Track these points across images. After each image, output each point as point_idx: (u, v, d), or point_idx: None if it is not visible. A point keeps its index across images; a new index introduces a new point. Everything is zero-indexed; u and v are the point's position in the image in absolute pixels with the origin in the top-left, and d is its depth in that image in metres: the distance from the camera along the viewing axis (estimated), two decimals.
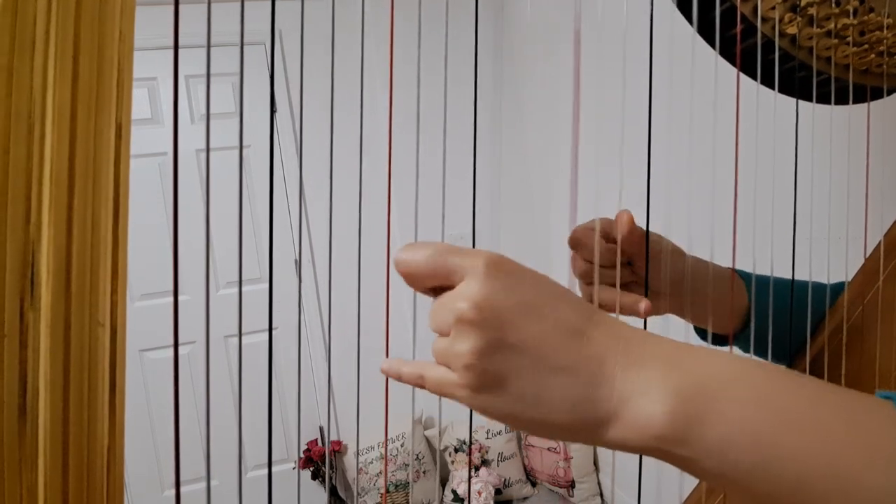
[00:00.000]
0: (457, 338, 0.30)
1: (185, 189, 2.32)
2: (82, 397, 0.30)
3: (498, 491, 2.32)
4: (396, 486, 2.33)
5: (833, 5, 0.55)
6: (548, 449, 2.32)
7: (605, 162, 0.61)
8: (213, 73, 0.34)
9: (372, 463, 2.36)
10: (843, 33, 0.56)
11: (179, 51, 0.31)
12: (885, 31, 0.56)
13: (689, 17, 0.53)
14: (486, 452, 2.38)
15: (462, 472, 2.33)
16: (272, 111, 1.03)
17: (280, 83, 2.42)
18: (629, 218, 0.53)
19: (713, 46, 0.54)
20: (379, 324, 0.49)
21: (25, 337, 0.29)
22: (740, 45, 0.55)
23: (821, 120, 0.61)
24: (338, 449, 2.44)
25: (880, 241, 0.64)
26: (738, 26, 0.54)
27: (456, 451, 2.39)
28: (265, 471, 2.24)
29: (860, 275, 0.64)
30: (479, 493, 2.25)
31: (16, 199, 0.29)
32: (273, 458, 2.44)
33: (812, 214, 0.59)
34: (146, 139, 2.21)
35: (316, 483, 2.45)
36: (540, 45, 2.25)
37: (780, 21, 0.54)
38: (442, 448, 2.44)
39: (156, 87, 2.29)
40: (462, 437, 2.39)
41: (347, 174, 0.79)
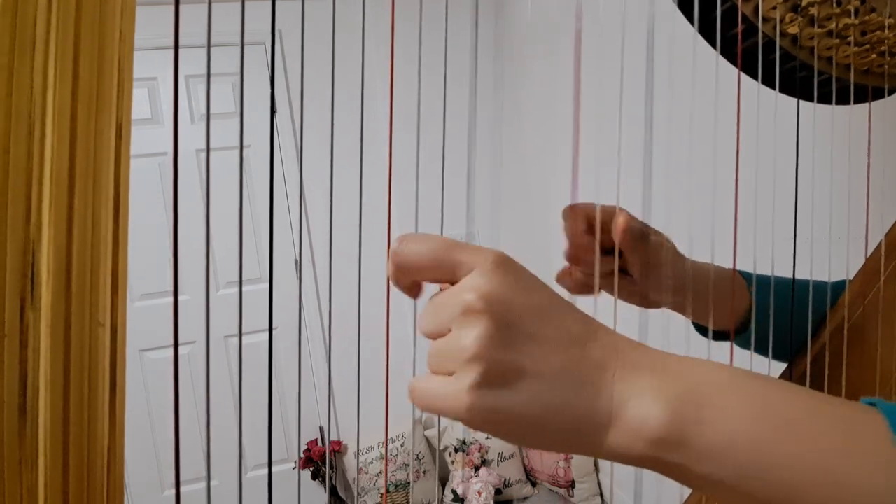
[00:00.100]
0: (462, 329, 0.29)
1: (185, 189, 2.32)
2: (82, 397, 0.30)
3: (498, 491, 2.32)
4: (396, 486, 2.33)
5: (834, 5, 0.55)
6: None
7: (605, 162, 0.61)
8: (213, 73, 0.34)
9: (372, 463, 2.36)
10: (845, 33, 0.56)
11: (179, 51, 0.31)
12: (886, 31, 0.56)
13: (690, 17, 0.53)
14: (486, 452, 2.38)
15: (462, 472, 2.33)
16: (272, 111, 1.03)
17: (280, 83, 2.42)
18: (624, 225, 0.53)
19: (714, 46, 0.54)
20: (379, 324, 0.49)
21: (25, 337, 0.29)
22: (741, 45, 0.55)
23: (822, 120, 0.61)
24: (338, 449, 2.44)
25: (881, 241, 0.64)
26: (740, 26, 0.54)
27: (456, 451, 2.39)
28: (265, 471, 2.24)
29: (861, 275, 0.64)
30: (479, 493, 2.25)
31: (16, 199, 0.29)
32: (273, 458, 2.44)
33: (813, 214, 0.59)
34: (146, 139, 2.21)
35: (316, 483, 2.45)
36: (540, 45, 2.25)
37: (781, 21, 0.54)
38: (442, 448, 2.45)
39: (156, 87, 2.29)
40: (462, 437, 2.39)
41: (347, 174, 0.79)
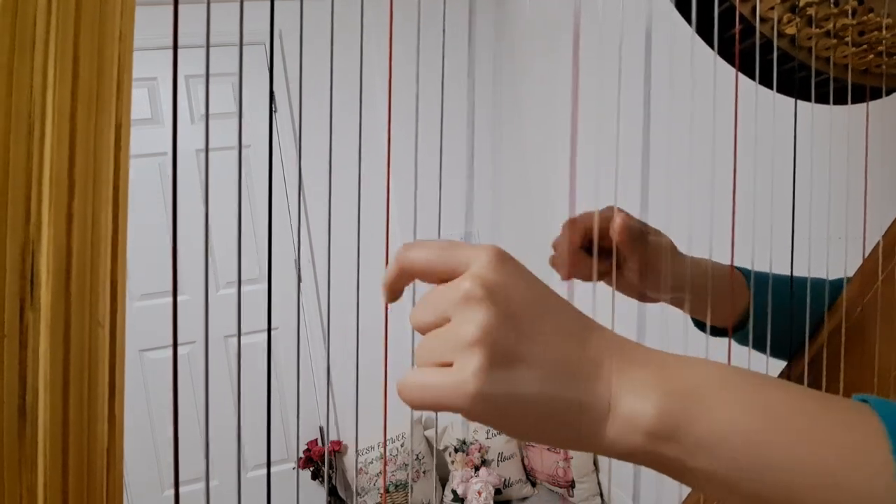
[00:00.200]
0: (464, 315, 0.28)
1: (185, 189, 2.32)
2: (82, 398, 0.30)
3: (498, 491, 2.32)
4: (396, 486, 2.33)
5: (832, 5, 0.55)
6: (548, 449, 2.32)
7: (604, 160, 0.61)
8: (212, 73, 0.35)
9: (372, 463, 2.36)
10: (842, 33, 0.56)
11: (179, 51, 0.31)
12: (883, 32, 0.56)
13: (687, 17, 0.53)
14: (486, 452, 2.38)
15: (462, 473, 2.33)
16: (272, 111, 1.03)
17: (280, 83, 2.41)
18: (622, 224, 0.53)
19: (712, 47, 0.54)
20: (379, 324, 0.49)
21: (25, 337, 0.29)
22: (739, 46, 0.55)
23: (820, 120, 0.61)
24: (338, 449, 2.44)
25: (879, 241, 0.64)
26: (737, 26, 0.54)
27: (456, 450, 2.39)
28: (265, 471, 2.24)
29: (859, 275, 0.64)
30: (479, 493, 2.25)
31: (16, 199, 0.29)
32: (273, 458, 2.44)
33: (811, 214, 0.59)
34: (146, 139, 2.21)
35: (316, 483, 2.45)
36: (539, 42, 2.25)
37: (778, 21, 0.54)
38: (441, 448, 2.44)
39: (156, 87, 2.29)
40: (462, 437, 2.39)
41: (347, 174, 0.79)
